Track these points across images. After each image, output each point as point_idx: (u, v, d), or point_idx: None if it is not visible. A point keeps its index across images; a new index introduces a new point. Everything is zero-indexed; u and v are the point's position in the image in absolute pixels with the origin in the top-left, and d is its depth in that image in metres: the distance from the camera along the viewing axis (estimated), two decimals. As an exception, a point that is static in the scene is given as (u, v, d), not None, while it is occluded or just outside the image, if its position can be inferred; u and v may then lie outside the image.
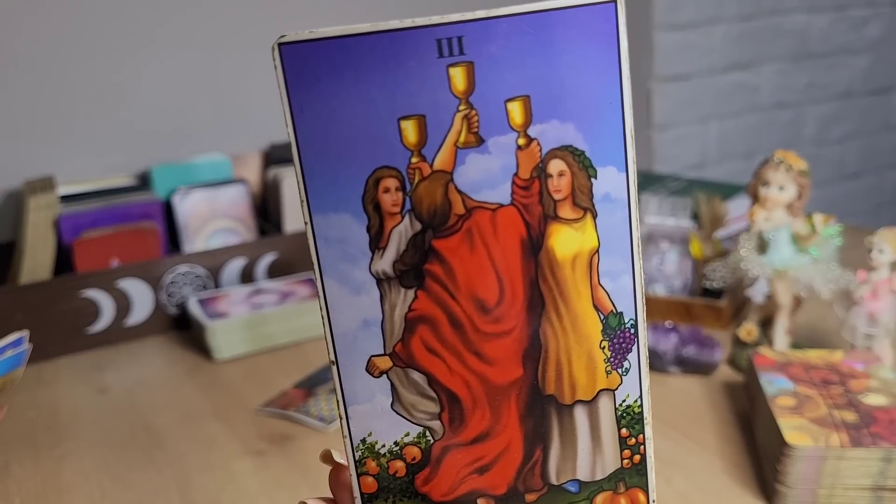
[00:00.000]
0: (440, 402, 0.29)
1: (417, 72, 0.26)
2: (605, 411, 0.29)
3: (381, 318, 0.28)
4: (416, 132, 0.26)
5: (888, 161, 1.91)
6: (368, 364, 0.28)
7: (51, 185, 0.97)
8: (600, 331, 0.28)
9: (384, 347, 0.28)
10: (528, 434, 0.29)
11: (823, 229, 0.75)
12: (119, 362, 0.91)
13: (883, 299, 0.72)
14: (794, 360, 0.69)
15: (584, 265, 0.28)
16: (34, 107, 1.06)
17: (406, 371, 0.29)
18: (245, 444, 0.72)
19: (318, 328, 0.93)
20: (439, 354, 0.29)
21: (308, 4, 1.20)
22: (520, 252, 0.28)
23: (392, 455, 0.29)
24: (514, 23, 0.25)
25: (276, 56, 0.25)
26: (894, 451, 0.55)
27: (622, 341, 0.29)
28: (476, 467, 0.30)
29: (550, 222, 0.27)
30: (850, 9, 1.70)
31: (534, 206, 0.27)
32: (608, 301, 0.28)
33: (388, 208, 0.27)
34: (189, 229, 1.03)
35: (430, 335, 0.28)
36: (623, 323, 0.28)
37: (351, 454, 0.29)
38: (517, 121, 0.26)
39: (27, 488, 0.67)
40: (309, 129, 0.26)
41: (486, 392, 0.29)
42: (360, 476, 0.30)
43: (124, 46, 1.09)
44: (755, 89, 1.64)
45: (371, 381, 0.29)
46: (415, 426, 0.29)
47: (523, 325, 0.28)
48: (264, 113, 1.18)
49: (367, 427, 0.29)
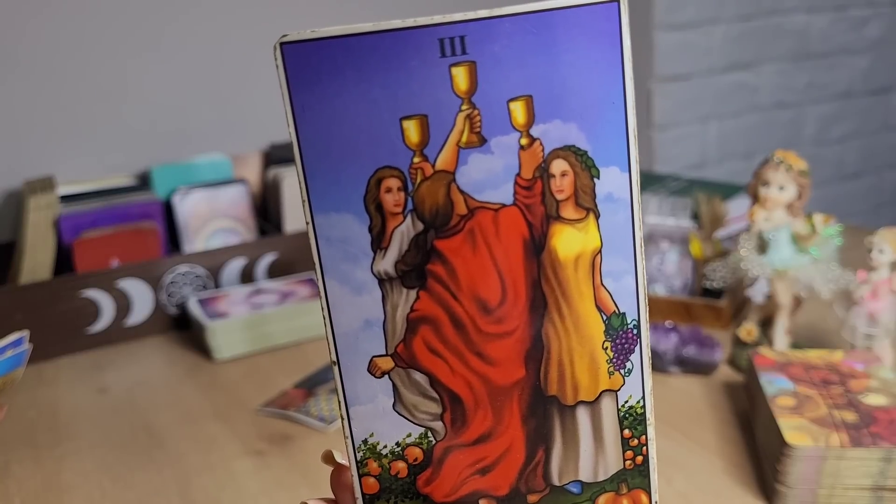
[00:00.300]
0: (442, 403, 0.29)
1: (420, 71, 0.25)
2: (607, 412, 0.29)
3: (382, 319, 0.28)
4: (419, 132, 0.26)
5: (888, 161, 1.91)
6: (370, 364, 0.28)
7: (51, 185, 0.97)
8: (603, 331, 0.28)
9: (386, 348, 0.28)
10: (530, 435, 0.29)
11: (823, 229, 0.75)
12: (119, 362, 0.91)
13: (883, 299, 0.72)
14: (794, 360, 0.69)
15: (587, 265, 0.28)
16: (34, 107, 1.06)
17: (408, 371, 0.28)
18: (245, 444, 0.72)
19: (319, 328, 0.92)
20: (441, 355, 0.28)
21: (309, 4, 1.20)
22: (522, 252, 0.28)
23: (394, 456, 0.29)
24: (517, 22, 0.25)
25: (278, 55, 0.25)
26: (894, 451, 0.55)
27: (625, 342, 0.28)
28: (478, 468, 0.29)
29: (553, 222, 0.27)
30: (850, 9, 1.70)
31: (536, 207, 0.27)
32: (611, 301, 0.28)
33: (390, 208, 0.27)
34: (189, 229, 1.03)
35: (432, 336, 0.28)
36: (626, 323, 0.28)
37: (352, 455, 0.29)
38: (520, 121, 0.26)
39: (27, 488, 0.67)
40: (311, 128, 0.26)
41: (488, 393, 0.29)
42: (361, 477, 0.29)
43: (124, 47, 1.09)
44: (755, 89, 1.64)
45: (373, 381, 0.28)
46: (417, 427, 0.29)
47: (525, 325, 0.28)
48: (264, 113, 1.18)
49: (368, 428, 0.29)
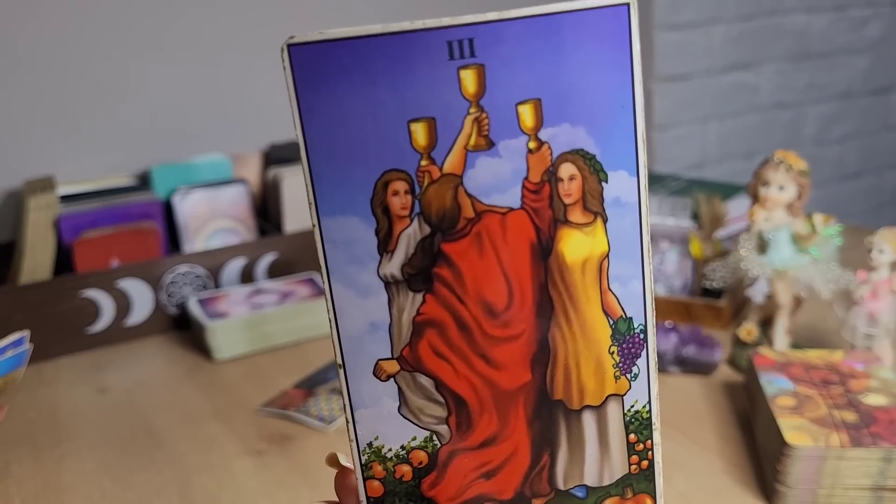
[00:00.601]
0: (447, 407, 0.29)
1: (428, 74, 0.25)
2: (613, 417, 0.29)
3: (388, 322, 0.28)
4: (426, 135, 0.26)
5: (888, 161, 1.91)
6: (376, 368, 0.28)
7: (51, 185, 0.97)
8: (609, 336, 0.28)
9: (392, 351, 0.28)
10: (535, 439, 0.29)
11: (823, 229, 0.75)
12: (119, 362, 0.91)
13: (883, 299, 0.72)
14: (794, 360, 0.69)
15: (594, 270, 0.28)
16: (34, 107, 1.06)
17: (413, 375, 0.28)
18: (245, 444, 0.72)
19: (319, 328, 0.93)
20: (447, 358, 0.28)
21: (309, 4, 1.20)
22: (529, 256, 0.27)
23: (398, 459, 0.29)
24: (526, 25, 0.25)
25: (285, 57, 0.25)
26: (894, 451, 0.55)
27: (631, 346, 0.28)
28: (483, 472, 0.29)
29: (560, 226, 0.27)
30: (850, 9, 1.70)
31: (544, 210, 0.27)
32: (618, 306, 0.28)
33: (397, 211, 0.27)
34: (189, 229, 1.03)
35: (438, 339, 0.28)
36: (632, 328, 0.28)
37: (357, 458, 0.29)
38: (528, 124, 0.26)
39: (27, 488, 0.67)
40: (317, 130, 0.26)
41: (493, 396, 0.29)
42: (366, 480, 0.29)
43: (124, 47, 1.09)
44: (755, 89, 1.64)
45: (378, 384, 0.28)
46: (422, 430, 0.29)
47: (532, 329, 0.28)
48: (264, 113, 1.18)
49: (373, 431, 0.29)
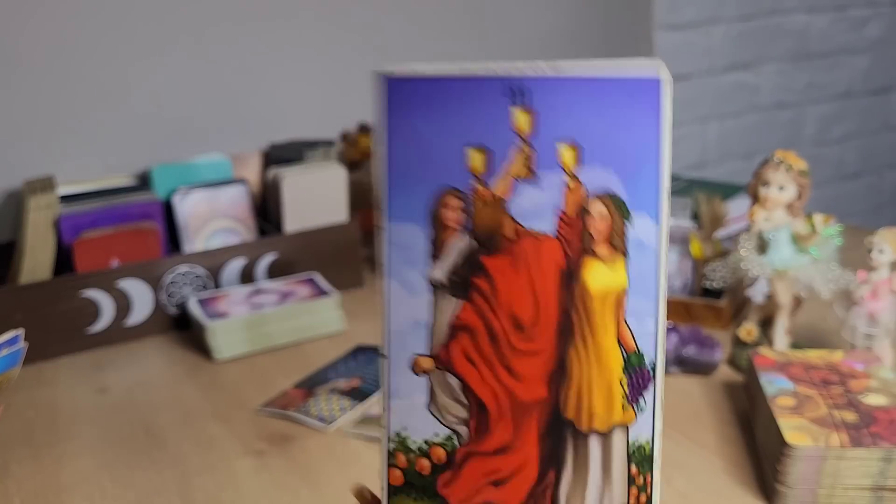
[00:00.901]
0: (470, 409, 0.32)
1: (490, 110, 0.30)
2: (617, 447, 0.31)
3: (430, 322, 0.31)
4: (481, 161, 0.30)
5: (888, 161, 1.91)
6: (413, 362, 0.31)
7: (51, 185, 0.97)
8: (622, 366, 0.31)
9: (429, 349, 0.31)
10: (544, 455, 0.32)
11: (823, 229, 0.75)
12: (119, 362, 0.91)
13: (883, 299, 0.72)
14: (794, 360, 0.69)
15: (613, 302, 0.31)
16: (34, 107, 1.06)
17: (444, 374, 0.32)
18: (245, 444, 0.72)
19: (318, 328, 0.93)
20: (475, 363, 0.31)
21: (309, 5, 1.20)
22: (557, 280, 0.31)
23: (420, 452, 0.32)
24: (577, 83, 0.30)
25: (382, 86, 0.30)
26: (894, 451, 0.55)
27: (640, 379, 0.31)
28: (493, 479, 0.32)
29: (587, 258, 0.31)
30: (850, 9, 1.70)
31: (574, 241, 0.31)
32: (631, 340, 0.31)
33: (450, 224, 0.31)
34: (189, 229, 1.03)
35: (470, 344, 0.31)
36: (643, 362, 0.31)
37: (385, 445, 0.32)
38: (568, 164, 0.30)
39: (27, 488, 0.67)
40: (397, 149, 0.30)
41: (511, 406, 0.31)
42: (389, 467, 0.32)
43: (125, 47, 1.09)
44: (755, 89, 1.64)
45: (413, 378, 0.32)
46: (444, 428, 0.32)
47: (552, 348, 0.31)
48: (264, 113, 1.18)
49: (403, 421, 0.32)
